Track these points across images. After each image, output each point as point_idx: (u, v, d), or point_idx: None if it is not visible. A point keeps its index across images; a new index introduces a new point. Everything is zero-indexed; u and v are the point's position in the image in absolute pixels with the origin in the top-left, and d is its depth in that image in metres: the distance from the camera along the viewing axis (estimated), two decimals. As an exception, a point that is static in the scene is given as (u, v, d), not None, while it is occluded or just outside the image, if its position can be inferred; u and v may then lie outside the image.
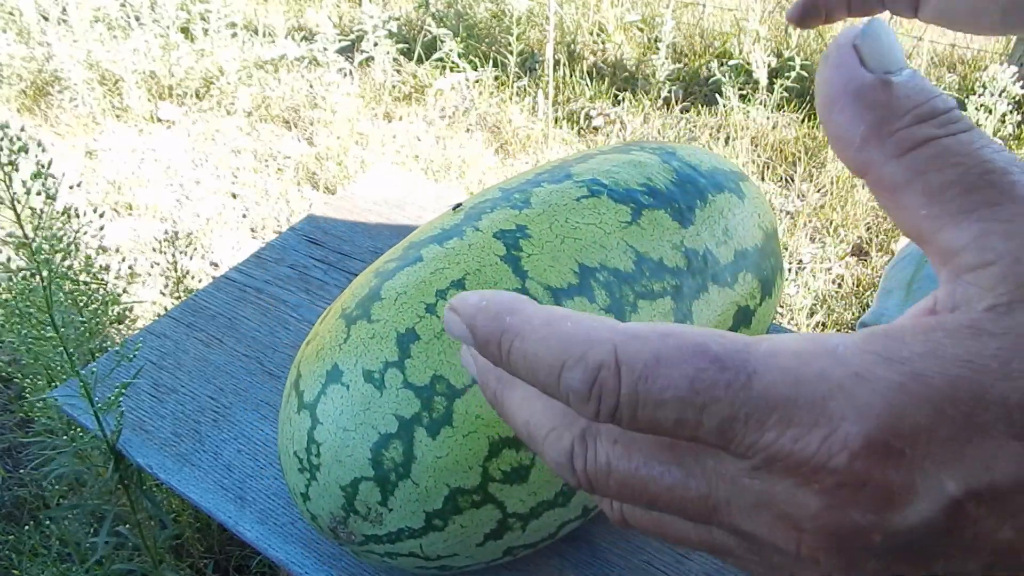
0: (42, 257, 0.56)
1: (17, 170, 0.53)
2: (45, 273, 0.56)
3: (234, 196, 1.99)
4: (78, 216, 0.58)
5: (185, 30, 2.40)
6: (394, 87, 2.32)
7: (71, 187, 0.59)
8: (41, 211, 0.55)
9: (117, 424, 0.63)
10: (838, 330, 1.61)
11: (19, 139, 0.52)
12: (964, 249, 0.17)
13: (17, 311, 0.57)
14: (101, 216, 0.64)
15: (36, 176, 0.54)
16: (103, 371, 0.68)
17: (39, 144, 0.55)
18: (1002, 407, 0.15)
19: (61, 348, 0.60)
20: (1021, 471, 0.15)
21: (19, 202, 0.54)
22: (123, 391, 0.62)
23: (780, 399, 0.16)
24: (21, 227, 0.55)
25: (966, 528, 0.16)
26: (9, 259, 0.57)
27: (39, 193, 0.54)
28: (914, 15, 0.45)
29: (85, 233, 0.59)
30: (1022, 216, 0.17)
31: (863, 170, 0.18)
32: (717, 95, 2.20)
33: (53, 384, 0.71)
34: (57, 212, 0.56)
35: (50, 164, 0.55)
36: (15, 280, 0.56)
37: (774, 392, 0.16)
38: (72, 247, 0.57)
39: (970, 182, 0.17)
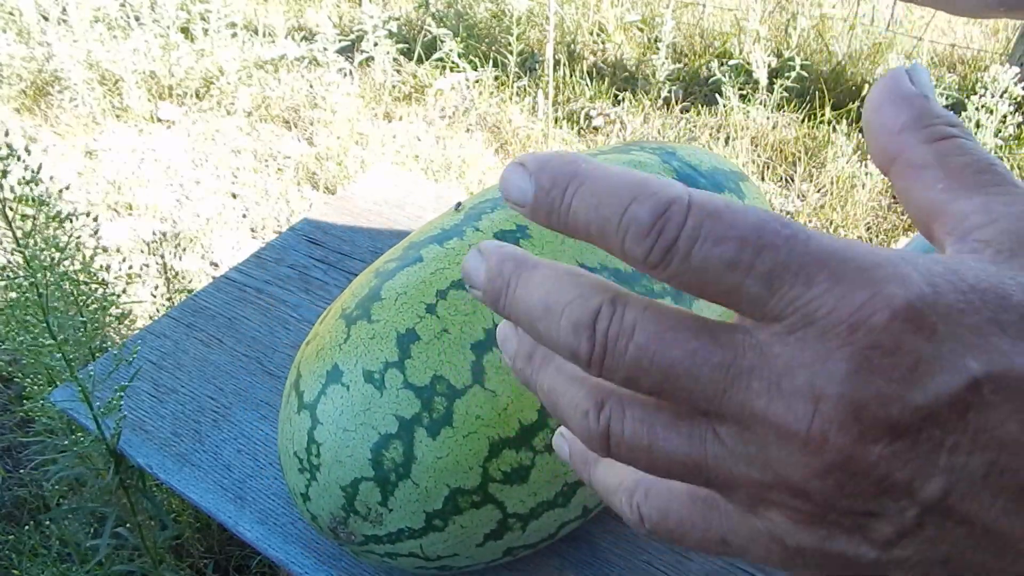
0: (36, 264, 0.56)
1: (6, 176, 0.53)
2: (40, 278, 0.56)
3: (234, 196, 1.99)
4: (71, 221, 0.58)
5: (185, 30, 2.40)
6: (394, 87, 2.32)
7: (60, 191, 0.58)
8: (34, 217, 0.55)
9: (117, 427, 0.63)
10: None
11: (9, 145, 0.52)
12: (973, 213, 0.20)
13: (14, 318, 0.57)
14: (95, 220, 0.64)
15: (26, 183, 0.53)
16: (102, 373, 0.68)
17: (27, 149, 0.55)
18: (1019, 312, 0.17)
19: (59, 354, 0.60)
20: None
21: (11, 209, 0.54)
22: (122, 394, 0.62)
23: (833, 258, 0.17)
24: (13, 234, 0.54)
25: (978, 413, 0.16)
26: (4, 266, 0.56)
27: (31, 200, 0.54)
28: None
29: (79, 237, 0.59)
30: (1019, 195, 0.20)
31: (896, 151, 0.22)
32: (717, 95, 2.20)
33: (54, 384, 0.71)
34: (49, 217, 0.56)
35: (39, 169, 0.55)
36: (11, 286, 0.56)
37: (829, 251, 0.17)
38: (68, 251, 0.57)
39: (981, 167, 0.21)
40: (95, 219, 0.64)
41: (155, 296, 1.31)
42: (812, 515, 0.18)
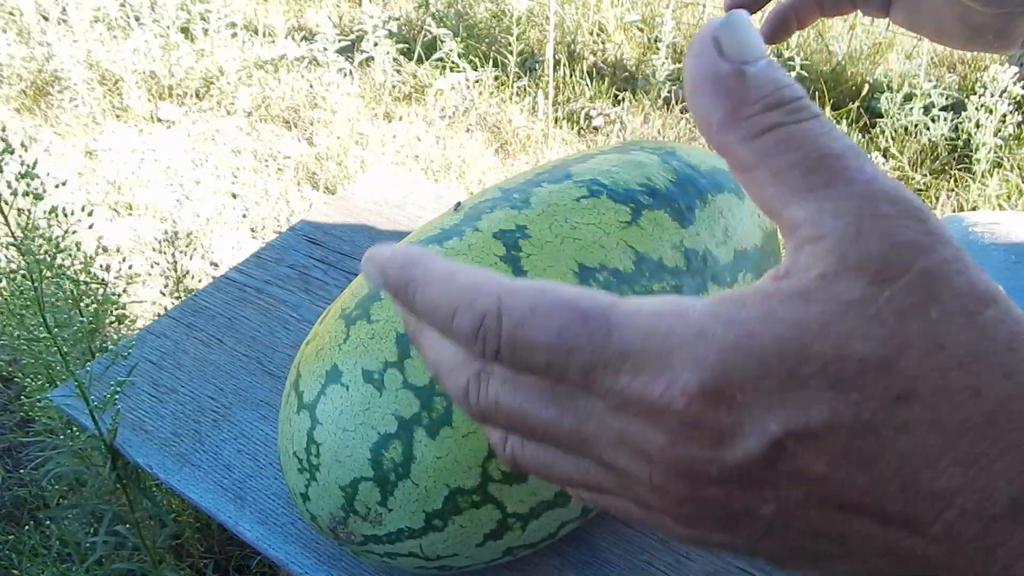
0: (32, 258, 0.56)
1: (2, 171, 0.53)
2: (36, 274, 0.56)
3: (234, 196, 1.99)
4: (67, 216, 0.58)
5: (185, 30, 2.40)
6: (394, 87, 2.32)
7: (57, 186, 0.58)
8: (29, 211, 0.55)
9: (113, 423, 0.63)
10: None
11: (4, 139, 0.52)
12: (803, 224, 0.19)
13: (10, 312, 0.57)
14: (90, 215, 0.64)
15: (22, 176, 0.54)
16: (100, 371, 0.68)
17: (24, 145, 0.55)
18: (819, 362, 0.18)
19: (55, 349, 0.60)
20: (831, 416, 0.18)
21: (7, 203, 0.54)
22: (118, 389, 0.62)
23: (632, 350, 0.19)
24: (8, 227, 0.55)
25: (786, 461, 0.19)
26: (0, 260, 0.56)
27: (26, 194, 0.54)
28: (886, 15, 0.47)
29: (75, 232, 0.59)
30: (851, 197, 0.19)
31: (722, 149, 0.20)
32: (717, 95, 2.19)
33: (53, 384, 0.71)
34: (45, 212, 0.56)
35: (35, 164, 0.55)
36: (7, 281, 0.56)
37: (628, 344, 0.19)
38: (63, 246, 0.57)
39: (809, 166, 0.19)
40: (90, 213, 0.64)
41: (164, 293, 1.31)
42: (687, 521, 0.21)
